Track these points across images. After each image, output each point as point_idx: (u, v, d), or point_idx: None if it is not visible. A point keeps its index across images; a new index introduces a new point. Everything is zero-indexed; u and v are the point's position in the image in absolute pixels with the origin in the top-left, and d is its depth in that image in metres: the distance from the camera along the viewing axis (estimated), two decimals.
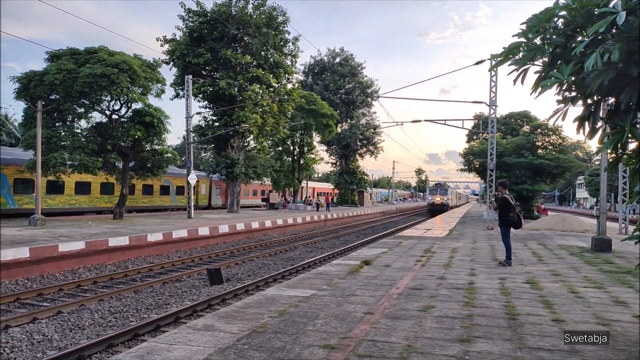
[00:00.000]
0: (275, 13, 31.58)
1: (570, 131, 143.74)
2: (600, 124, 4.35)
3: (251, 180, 34.34)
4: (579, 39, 4.03)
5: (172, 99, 33.12)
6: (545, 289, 7.85)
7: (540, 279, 8.87)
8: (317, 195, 61.93)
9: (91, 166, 22.16)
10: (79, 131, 23.64)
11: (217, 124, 32.50)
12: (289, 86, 35.68)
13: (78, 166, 21.99)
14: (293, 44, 33.76)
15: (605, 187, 15.45)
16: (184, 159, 29.55)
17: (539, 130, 36.65)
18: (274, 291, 7.26)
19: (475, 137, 45.84)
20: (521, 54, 4.16)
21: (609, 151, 4.67)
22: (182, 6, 30.73)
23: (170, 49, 30.82)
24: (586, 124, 4.30)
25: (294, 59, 34.47)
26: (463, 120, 32.67)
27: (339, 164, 59.81)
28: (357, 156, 59.29)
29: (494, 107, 24.07)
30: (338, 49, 57.98)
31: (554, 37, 4.07)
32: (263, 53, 32.19)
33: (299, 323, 5.41)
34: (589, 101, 4.23)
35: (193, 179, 27.11)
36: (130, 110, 24.48)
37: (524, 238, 17.69)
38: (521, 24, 4.17)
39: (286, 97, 34.44)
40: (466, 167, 39.42)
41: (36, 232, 16.90)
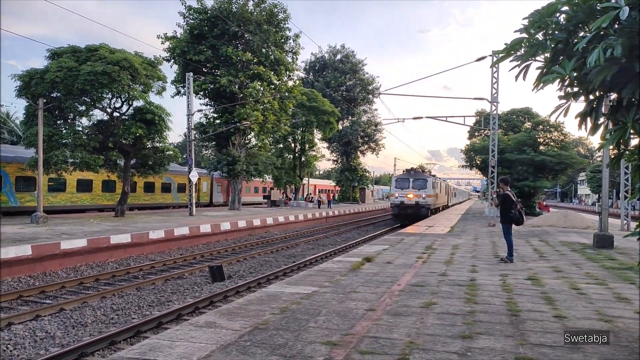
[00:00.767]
0: (276, 10, 31.53)
1: (572, 127, 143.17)
2: (602, 120, 4.33)
3: (252, 178, 34.36)
4: (581, 34, 4.01)
5: (173, 97, 33.09)
6: (547, 285, 7.84)
7: (542, 275, 8.86)
8: (319, 193, 61.95)
9: (92, 164, 22.19)
10: (80, 129, 23.64)
11: (218, 121, 32.50)
12: (290, 83, 35.67)
13: (79, 164, 22.01)
14: (294, 41, 33.72)
15: (607, 183, 15.41)
16: (185, 156, 29.55)
17: (540, 127, 36.57)
18: (275, 288, 7.27)
19: (476, 133, 45.78)
20: (523, 49, 4.13)
21: (611, 147, 4.65)
22: (182, 3, 30.71)
23: (171, 46, 30.81)
24: (588, 120, 4.28)
25: (295, 56, 34.44)
26: (464, 116, 32.73)
27: (340, 161, 59.81)
28: (359, 153, 59.27)
29: (495, 104, 24.01)
30: (339, 45, 58.08)
31: (556, 32, 4.05)
32: (264, 50, 32.15)
33: (300, 320, 5.41)
34: (591, 97, 4.21)
35: (195, 176, 27.13)
36: (131, 108, 24.48)
37: (525, 235, 17.67)
38: (523, 18, 4.15)
39: (287, 94, 34.42)
40: (468, 164, 39.40)
41: (38, 229, 16.93)
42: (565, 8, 3.95)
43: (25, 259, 12.51)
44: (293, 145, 47.83)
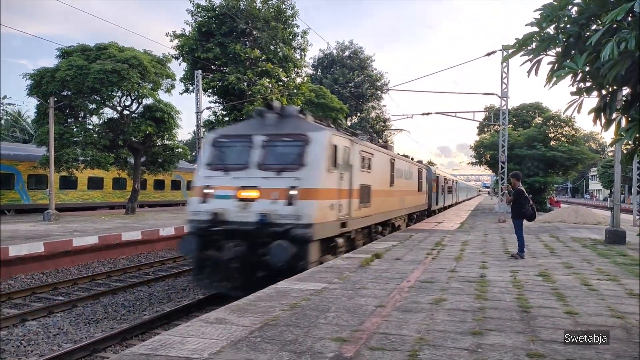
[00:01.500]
0: (284, 6, 31.47)
1: (583, 122, 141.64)
2: (615, 115, 4.28)
3: None
4: (594, 27, 3.96)
5: (181, 94, 33.18)
6: (558, 281, 7.78)
7: (553, 271, 8.79)
8: None
9: (103, 162, 22.39)
10: (90, 127, 23.86)
11: (227, 118, 32.55)
12: (298, 80, 35.60)
13: (90, 162, 22.22)
14: (302, 37, 33.63)
15: (619, 178, 15.24)
16: (194, 153, 29.64)
17: (551, 122, 36.21)
18: (285, 284, 7.29)
19: (486, 129, 45.43)
20: (534, 44, 4.09)
21: (624, 142, 4.59)
22: (191, 1, 30.76)
23: (179, 44, 30.87)
24: (602, 115, 4.23)
25: (303, 53, 34.36)
26: (474, 112, 32.47)
27: None
28: None
29: (505, 99, 23.82)
30: (347, 42, 57.72)
31: (568, 26, 4.00)
32: (272, 47, 32.13)
33: (310, 316, 5.42)
34: (603, 92, 4.16)
35: None
36: (141, 106, 24.65)
37: (536, 231, 17.54)
38: (534, 10, 4.09)
39: (295, 91, 34.39)
40: (477, 159, 39.15)
41: (50, 227, 17.12)
42: (577, 1, 3.90)
43: (37, 256, 12.66)
44: None
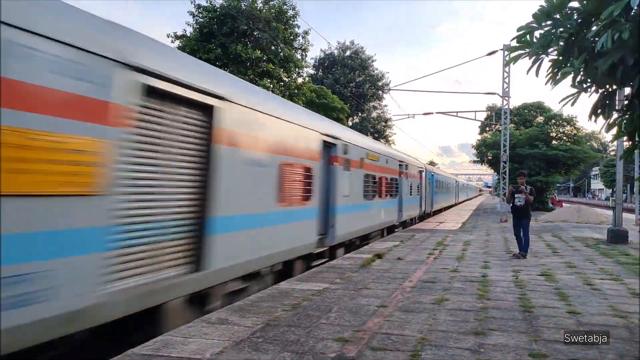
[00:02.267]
0: (285, 7, 31.55)
1: (585, 121, 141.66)
2: (615, 115, 4.28)
3: None
4: (593, 28, 3.96)
5: None
6: (560, 281, 7.77)
7: (555, 271, 8.78)
8: None
9: None
10: None
11: None
12: (300, 80, 35.65)
13: None
14: (303, 37, 33.69)
15: (621, 177, 15.21)
16: None
17: (553, 121, 36.14)
18: (286, 285, 7.29)
19: (487, 128, 45.40)
20: (535, 39, 4.10)
21: (625, 139, 4.60)
22: (191, 2, 30.83)
23: (180, 45, 30.95)
24: (599, 112, 4.24)
25: (304, 53, 34.41)
26: (475, 111, 32.33)
27: None
28: None
29: (507, 98, 23.81)
30: (348, 42, 57.79)
31: (567, 24, 4.00)
32: (273, 47, 32.17)
33: (312, 316, 5.42)
34: (602, 90, 4.17)
35: None
36: None
37: (538, 230, 17.51)
38: (533, 14, 4.10)
39: (297, 91, 34.42)
40: (479, 159, 39.10)
41: None
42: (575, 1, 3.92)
43: None
44: None
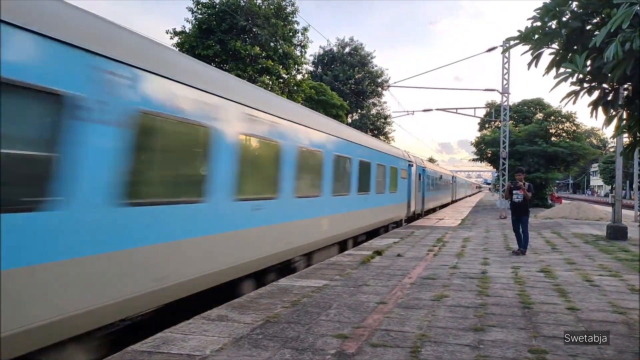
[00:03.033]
0: (284, 3, 31.48)
1: (584, 118, 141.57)
2: (613, 112, 4.28)
3: None
4: (595, 21, 3.95)
5: None
6: (559, 277, 7.78)
7: (555, 267, 8.79)
8: None
9: None
10: None
11: None
12: (299, 77, 35.58)
13: None
14: (302, 34, 33.63)
15: (620, 174, 15.21)
16: None
17: (552, 118, 36.15)
18: (286, 282, 7.29)
19: (487, 125, 45.36)
20: (537, 36, 4.09)
21: (625, 136, 4.60)
22: None
23: (179, 41, 30.90)
24: (600, 109, 4.23)
25: (303, 50, 34.34)
26: (475, 108, 32.19)
27: None
28: None
29: (506, 95, 23.79)
30: (347, 38, 57.89)
31: (570, 21, 3.99)
32: (272, 44, 32.11)
33: (312, 313, 5.42)
34: (605, 85, 4.16)
35: None
36: None
37: (537, 227, 17.53)
38: (535, 10, 4.09)
39: (296, 88, 34.37)
40: (478, 156, 39.09)
41: None
42: None
43: None
44: None
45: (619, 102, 4.13)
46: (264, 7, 31.14)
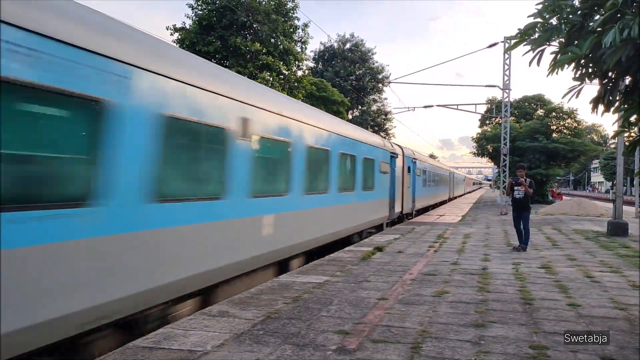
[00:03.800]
0: None
1: (585, 114, 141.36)
2: (616, 104, 4.26)
3: None
4: (597, 17, 3.93)
5: None
6: (560, 273, 7.78)
7: (556, 263, 8.79)
8: None
9: None
10: None
11: None
12: (299, 73, 35.53)
13: None
14: (303, 30, 33.54)
15: (621, 170, 15.20)
16: None
17: (553, 114, 36.08)
18: (287, 278, 7.30)
19: (488, 121, 45.29)
20: (537, 34, 4.06)
21: (626, 135, 4.58)
22: None
23: (180, 37, 30.84)
24: (601, 104, 4.22)
25: (304, 46, 34.26)
26: (476, 104, 31.97)
27: None
28: None
29: (507, 91, 23.74)
30: (348, 34, 57.63)
31: (570, 16, 3.97)
32: (273, 40, 32.04)
33: (312, 309, 5.43)
34: (605, 80, 4.14)
35: None
36: None
37: (538, 223, 17.52)
38: (536, 4, 4.07)
39: (296, 84, 34.32)
40: (479, 152, 39.05)
41: None
42: None
43: None
44: None
45: (617, 91, 4.11)
46: (264, 3, 31.08)
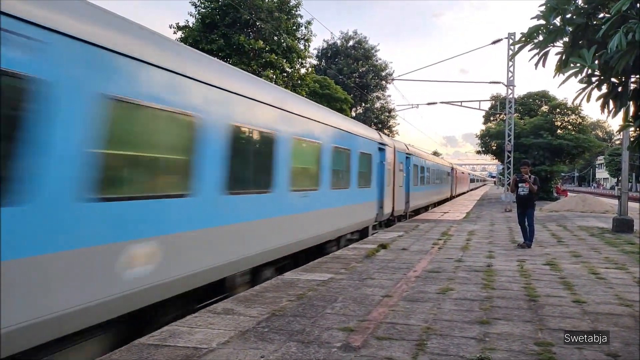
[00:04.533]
0: None
1: (590, 110, 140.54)
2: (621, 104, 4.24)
3: None
4: (601, 16, 3.91)
5: None
6: (565, 270, 7.76)
7: (560, 260, 8.77)
8: None
9: None
10: None
11: None
12: (303, 71, 35.49)
13: None
14: (306, 27, 33.47)
15: (627, 166, 15.12)
16: None
17: (557, 110, 35.90)
18: (291, 275, 7.31)
19: (492, 118, 45.15)
20: (541, 36, 4.04)
21: (631, 130, 4.56)
22: None
23: (183, 35, 30.86)
24: (609, 103, 4.19)
25: (307, 43, 34.21)
26: (480, 101, 31.78)
27: None
28: None
29: (511, 87, 23.65)
30: (351, 31, 57.40)
31: (574, 17, 3.95)
32: (276, 38, 32.02)
33: (317, 306, 5.44)
34: (613, 79, 4.12)
35: None
36: None
37: (543, 219, 17.47)
38: (539, 6, 4.05)
39: (299, 82, 34.30)
40: (483, 149, 38.94)
41: None
42: None
43: None
44: None
45: (629, 95, 4.09)
46: (267, 0, 31.04)
